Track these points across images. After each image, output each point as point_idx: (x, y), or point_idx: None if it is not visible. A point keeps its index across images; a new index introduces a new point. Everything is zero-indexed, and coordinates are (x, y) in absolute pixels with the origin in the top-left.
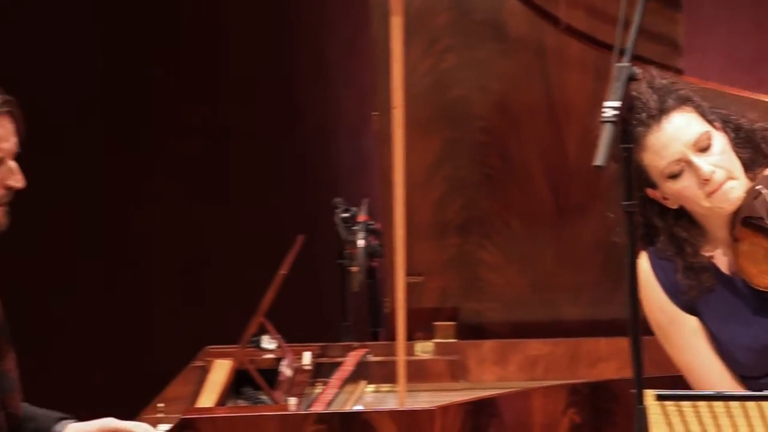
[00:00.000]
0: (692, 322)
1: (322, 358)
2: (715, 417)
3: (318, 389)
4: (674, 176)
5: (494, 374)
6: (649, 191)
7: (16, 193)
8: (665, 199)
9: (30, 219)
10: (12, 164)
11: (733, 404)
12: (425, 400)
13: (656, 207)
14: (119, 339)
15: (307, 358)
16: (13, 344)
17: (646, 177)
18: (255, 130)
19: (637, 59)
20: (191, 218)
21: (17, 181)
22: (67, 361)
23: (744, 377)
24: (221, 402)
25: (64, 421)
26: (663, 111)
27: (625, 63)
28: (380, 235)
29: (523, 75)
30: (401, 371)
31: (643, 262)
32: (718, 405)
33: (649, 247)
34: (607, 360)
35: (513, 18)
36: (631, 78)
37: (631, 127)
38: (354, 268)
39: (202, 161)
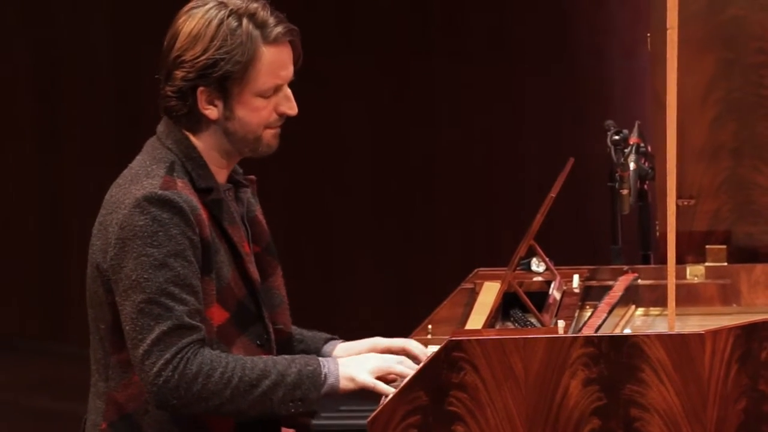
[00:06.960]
0: None
1: (591, 281)
2: None
3: (587, 312)
4: None
5: (767, 298)
6: None
7: None
8: None
9: None
10: (287, 91)
11: None
12: (695, 324)
13: None
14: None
15: (576, 281)
16: (279, 262)
17: None
18: (528, 49)
19: None
20: (470, 145)
21: (291, 108)
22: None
23: None
24: (489, 324)
25: (332, 341)
26: None
27: None
28: (651, 157)
29: None
30: (671, 295)
31: None
32: None
33: None
34: None
35: None
36: None
37: None
38: (624, 191)
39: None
